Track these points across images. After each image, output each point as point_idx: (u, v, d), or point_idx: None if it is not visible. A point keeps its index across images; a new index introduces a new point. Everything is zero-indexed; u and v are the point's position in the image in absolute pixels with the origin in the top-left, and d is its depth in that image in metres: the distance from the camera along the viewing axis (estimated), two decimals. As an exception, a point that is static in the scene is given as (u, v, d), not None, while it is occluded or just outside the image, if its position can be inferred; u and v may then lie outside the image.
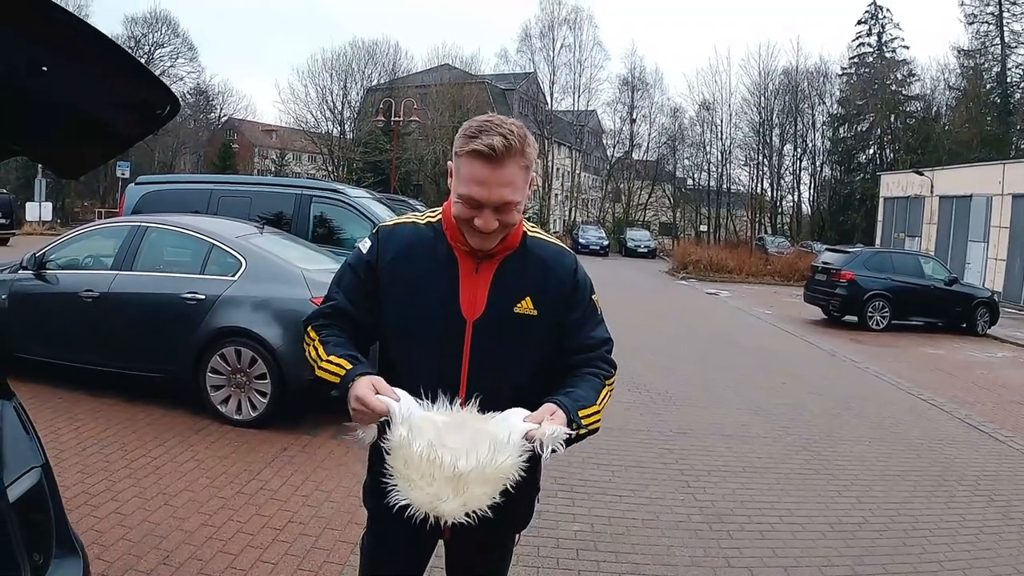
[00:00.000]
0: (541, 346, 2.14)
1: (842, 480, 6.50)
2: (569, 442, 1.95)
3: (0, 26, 1.72)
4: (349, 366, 2.02)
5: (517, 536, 2.41)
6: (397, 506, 1.94)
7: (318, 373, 2.09)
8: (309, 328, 2.19)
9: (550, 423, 1.91)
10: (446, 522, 1.93)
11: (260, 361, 6.79)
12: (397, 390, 1.98)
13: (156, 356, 7.19)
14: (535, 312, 2.11)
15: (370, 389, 1.94)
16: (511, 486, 1.94)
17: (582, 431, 1.99)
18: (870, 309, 18.64)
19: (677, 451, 7.02)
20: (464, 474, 1.89)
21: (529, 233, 2.21)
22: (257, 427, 6.76)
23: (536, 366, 2.15)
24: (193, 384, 7.02)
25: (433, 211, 2.26)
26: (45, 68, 1.86)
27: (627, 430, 7.55)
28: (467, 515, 1.91)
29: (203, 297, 6.97)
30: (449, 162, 2.11)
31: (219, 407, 6.93)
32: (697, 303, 23.61)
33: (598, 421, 2.06)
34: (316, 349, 2.13)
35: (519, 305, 2.11)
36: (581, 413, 2.00)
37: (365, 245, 2.20)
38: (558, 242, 2.29)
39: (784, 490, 6.15)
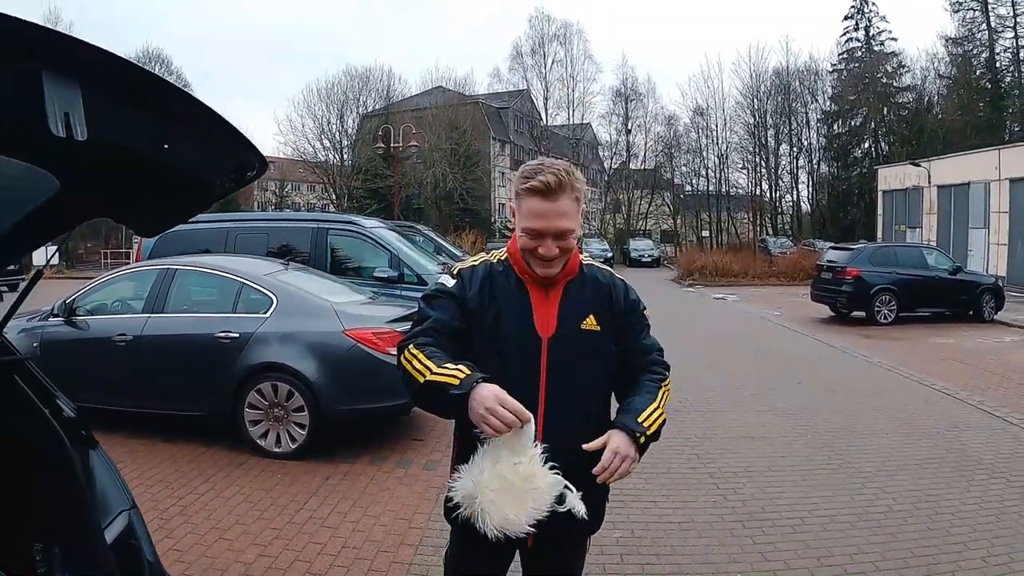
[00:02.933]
0: (606, 357, 2.46)
1: (865, 472, 6.72)
2: (644, 446, 2.30)
3: (134, 109, 1.98)
4: (468, 371, 2.19)
5: (588, 540, 2.65)
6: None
7: (431, 379, 2.21)
8: (409, 346, 2.32)
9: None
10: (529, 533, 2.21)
11: (297, 394, 6.99)
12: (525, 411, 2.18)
13: (194, 395, 7.38)
14: (599, 328, 2.44)
15: (502, 395, 2.14)
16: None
17: (645, 438, 2.31)
18: (877, 304, 18.83)
19: (704, 456, 7.23)
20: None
21: (585, 263, 2.54)
22: (297, 459, 6.95)
23: (603, 374, 2.46)
24: (231, 420, 7.22)
25: (500, 251, 2.56)
26: (167, 146, 2.10)
27: (653, 438, 7.74)
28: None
29: (237, 335, 7.18)
30: (511, 203, 2.47)
31: (259, 441, 7.12)
32: (706, 309, 23.80)
33: (661, 417, 2.38)
34: (420, 362, 2.25)
35: (585, 322, 2.43)
36: (640, 419, 2.31)
37: (450, 282, 2.47)
38: (609, 269, 2.63)
39: (811, 486, 6.37)
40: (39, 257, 36.97)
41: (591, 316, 2.43)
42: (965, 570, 4.68)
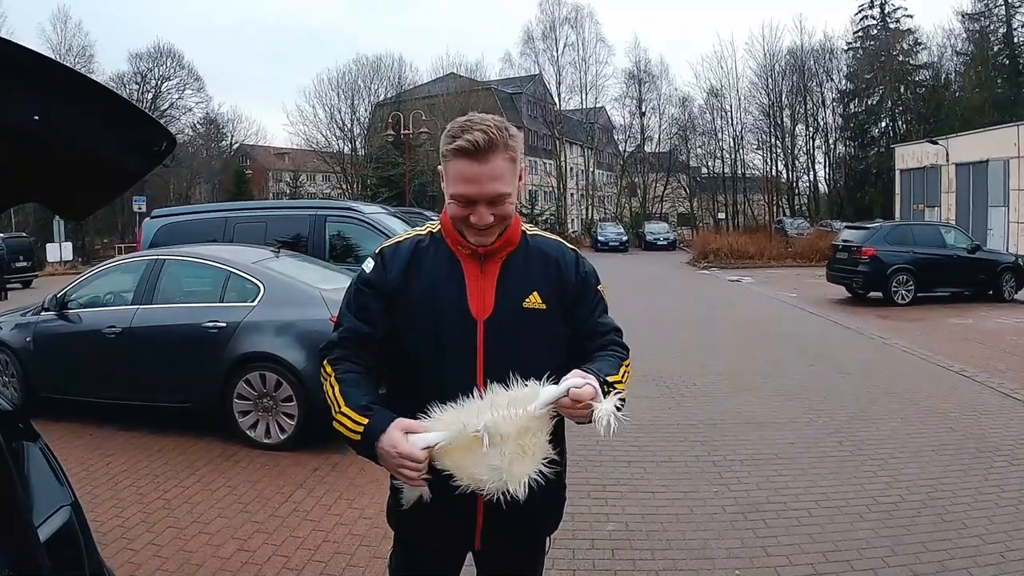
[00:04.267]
0: (553, 339, 2.16)
1: (876, 460, 6.44)
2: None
3: None
4: (365, 420, 2.01)
5: (548, 540, 2.40)
6: (425, 522, 2.09)
7: (334, 424, 2.08)
8: (326, 362, 2.16)
9: (598, 398, 1.92)
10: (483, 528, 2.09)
11: (285, 384, 6.84)
12: (424, 421, 1.99)
13: (182, 386, 7.28)
14: (544, 306, 2.14)
15: (401, 436, 1.95)
16: (545, 471, 1.98)
17: (615, 393, 1.99)
18: (894, 284, 18.49)
19: (708, 443, 6.98)
20: (497, 428, 1.92)
21: (529, 232, 2.25)
22: (287, 450, 6.80)
23: (550, 359, 2.12)
24: (221, 411, 7.08)
25: (432, 223, 2.29)
26: (37, 118, 1.92)
27: (657, 425, 7.53)
28: (532, 479, 1.95)
29: (224, 325, 7.02)
30: (439, 166, 2.14)
31: (248, 432, 6.99)
32: (720, 291, 23.51)
33: (623, 392, 2.07)
34: (333, 389, 2.10)
35: (527, 300, 2.13)
36: (610, 379, 2.03)
37: (369, 265, 2.22)
38: (558, 238, 2.33)
39: (818, 474, 6.09)
40: (53, 253, 37.63)
41: (534, 293, 2.14)
42: (981, 566, 4.39)
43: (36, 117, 1.92)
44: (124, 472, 6.33)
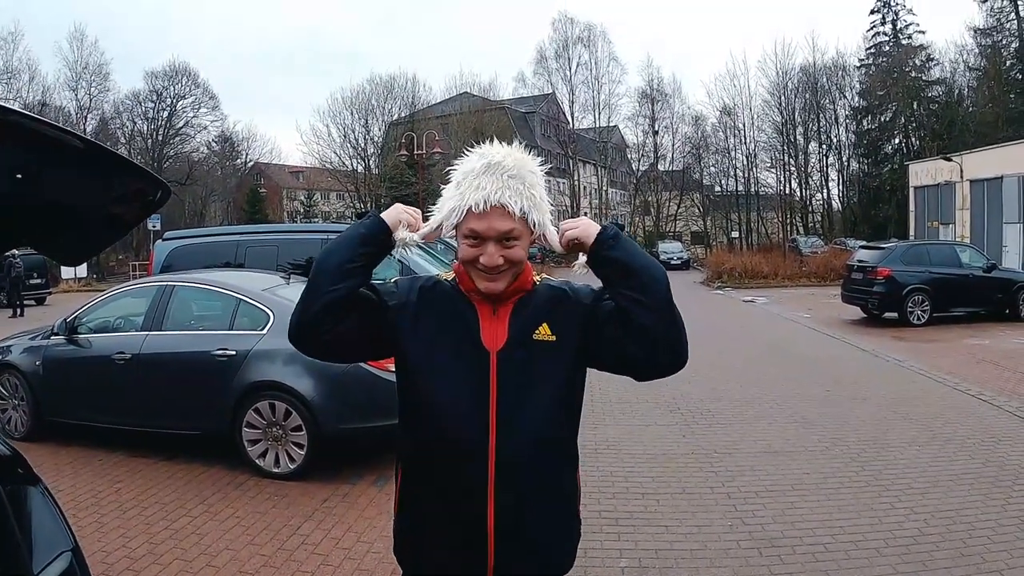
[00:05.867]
0: (563, 369, 2.13)
1: (894, 490, 6.31)
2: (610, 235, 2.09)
3: None
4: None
5: None
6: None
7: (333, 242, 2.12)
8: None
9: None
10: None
11: (295, 413, 6.77)
12: None
13: (191, 414, 7.23)
14: (553, 337, 2.12)
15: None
16: None
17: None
18: (910, 304, 18.30)
19: (723, 473, 6.86)
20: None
21: (539, 280, 2.23)
22: (297, 479, 6.74)
23: (561, 390, 2.14)
24: (230, 439, 7.02)
25: (448, 273, 2.27)
26: (19, 176, 1.90)
27: (671, 455, 7.43)
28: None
29: (234, 353, 6.98)
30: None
31: (257, 461, 6.93)
32: (734, 312, 23.36)
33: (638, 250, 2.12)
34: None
35: (537, 332, 2.12)
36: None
37: (384, 283, 2.19)
38: (568, 282, 2.30)
39: (835, 506, 5.97)
40: (68, 270, 37.84)
41: (544, 325, 2.12)
42: (1000, 603, 4.29)
43: (18, 176, 1.90)
44: (132, 499, 6.30)
